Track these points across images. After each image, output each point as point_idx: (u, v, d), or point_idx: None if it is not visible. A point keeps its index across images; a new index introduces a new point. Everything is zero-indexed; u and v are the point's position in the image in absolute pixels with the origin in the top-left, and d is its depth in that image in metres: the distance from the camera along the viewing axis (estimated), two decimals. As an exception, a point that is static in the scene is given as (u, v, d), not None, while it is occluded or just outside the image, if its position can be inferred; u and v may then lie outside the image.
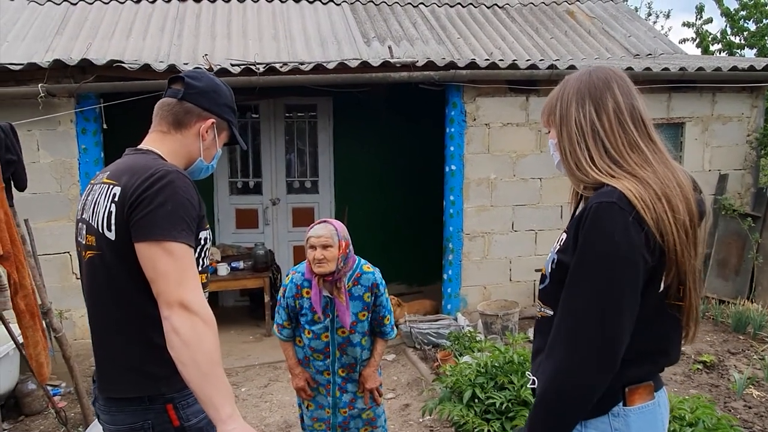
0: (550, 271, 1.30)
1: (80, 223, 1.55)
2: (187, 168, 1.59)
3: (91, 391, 1.69)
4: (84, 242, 1.50)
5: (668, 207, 1.16)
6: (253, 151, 6.45)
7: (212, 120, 1.57)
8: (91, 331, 1.57)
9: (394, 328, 2.61)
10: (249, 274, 5.51)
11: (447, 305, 5.39)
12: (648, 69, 5.16)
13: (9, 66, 4.24)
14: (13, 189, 3.09)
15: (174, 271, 1.32)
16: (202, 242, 1.48)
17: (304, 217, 6.50)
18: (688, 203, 1.19)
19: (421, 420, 3.68)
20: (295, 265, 2.61)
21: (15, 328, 3.32)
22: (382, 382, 2.67)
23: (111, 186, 1.43)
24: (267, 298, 5.44)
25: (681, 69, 5.25)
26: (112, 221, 1.39)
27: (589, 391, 1.16)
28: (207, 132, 1.57)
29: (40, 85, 4.23)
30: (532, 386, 1.33)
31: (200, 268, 1.49)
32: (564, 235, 1.28)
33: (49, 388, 3.74)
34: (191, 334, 1.29)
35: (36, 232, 3.57)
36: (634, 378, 1.24)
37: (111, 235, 1.40)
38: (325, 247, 2.31)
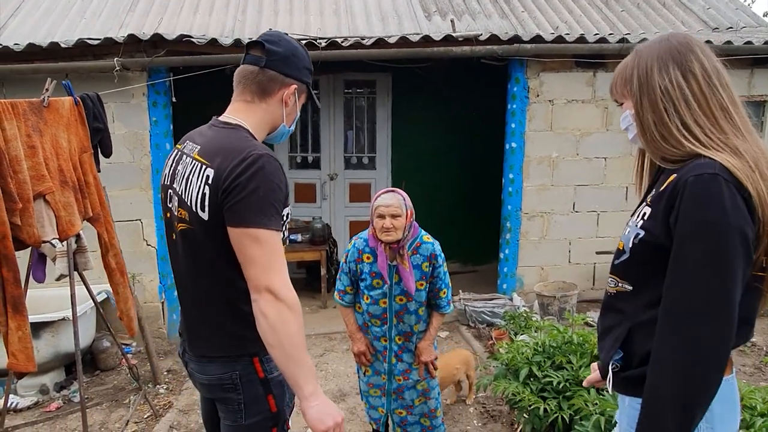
0: (631, 245, 1.25)
1: (170, 191, 1.59)
2: (270, 133, 1.63)
3: (169, 349, 1.78)
4: (176, 214, 1.55)
5: (761, 177, 1.12)
6: (312, 127, 6.54)
7: (295, 86, 1.58)
8: (179, 294, 1.66)
9: (451, 303, 2.62)
10: (306, 247, 5.64)
11: (502, 285, 5.33)
12: (729, 42, 4.83)
13: (88, 41, 4.46)
14: (100, 156, 3.28)
15: (262, 257, 1.38)
16: (284, 218, 1.53)
17: (361, 193, 6.56)
18: None
19: (474, 396, 3.68)
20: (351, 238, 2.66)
21: (93, 288, 3.55)
22: (438, 356, 2.69)
23: (204, 166, 1.46)
24: (323, 271, 5.55)
25: (766, 42, 4.89)
26: (206, 203, 1.43)
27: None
28: (290, 98, 1.58)
29: (115, 59, 4.42)
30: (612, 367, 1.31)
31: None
32: (648, 209, 1.23)
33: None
34: (277, 318, 1.37)
35: (111, 200, 3.77)
36: None
37: (204, 216, 1.44)
38: (394, 216, 2.37)
